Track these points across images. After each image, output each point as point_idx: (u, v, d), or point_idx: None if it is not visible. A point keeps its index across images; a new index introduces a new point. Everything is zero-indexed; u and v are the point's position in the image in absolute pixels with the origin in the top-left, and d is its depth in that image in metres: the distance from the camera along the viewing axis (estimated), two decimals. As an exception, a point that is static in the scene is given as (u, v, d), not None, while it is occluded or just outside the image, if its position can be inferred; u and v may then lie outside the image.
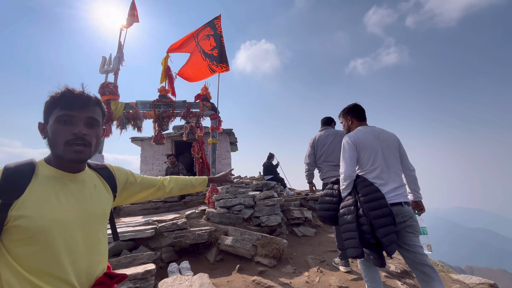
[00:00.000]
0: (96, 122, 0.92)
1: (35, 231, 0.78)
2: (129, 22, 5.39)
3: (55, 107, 0.87)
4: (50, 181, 0.86)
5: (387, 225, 1.80)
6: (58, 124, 0.86)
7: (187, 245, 3.50)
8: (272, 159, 7.89)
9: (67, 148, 0.85)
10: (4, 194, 0.77)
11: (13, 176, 0.80)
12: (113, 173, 1.09)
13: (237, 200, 4.41)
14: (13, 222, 0.77)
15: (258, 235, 3.55)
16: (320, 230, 5.13)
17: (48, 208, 0.82)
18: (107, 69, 4.95)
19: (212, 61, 5.45)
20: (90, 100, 0.91)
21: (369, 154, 2.07)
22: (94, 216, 0.93)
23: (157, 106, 5.00)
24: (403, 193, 2.01)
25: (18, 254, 0.77)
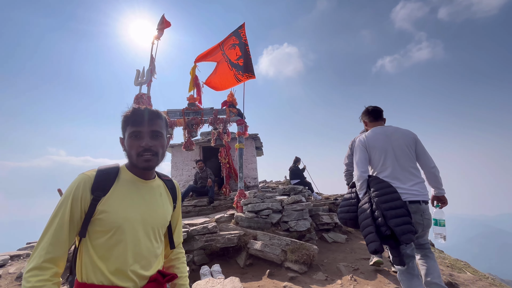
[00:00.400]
0: (160, 134, 1.06)
1: (111, 225, 0.94)
2: (160, 34, 5.74)
3: (127, 124, 1.04)
4: (127, 184, 1.03)
5: (400, 216, 1.88)
6: (130, 139, 1.02)
7: (218, 249, 3.58)
8: (298, 163, 7.80)
9: (138, 158, 1.01)
10: (95, 191, 0.96)
11: (103, 177, 0.99)
12: (176, 187, 1.24)
13: (265, 204, 4.42)
14: (98, 215, 0.94)
15: (287, 240, 3.53)
16: (351, 236, 4.94)
17: (123, 207, 0.98)
18: (141, 81, 5.30)
19: (238, 71, 5.60)
20: (153, 115, 1.05)
21: (380, 154, 2.15)
22: (155, 221, 1.06)
23: (186, 114, 5.23)
24: (420, 191, 2.05)
25: (96, 243, 0.94)
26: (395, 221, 1.86)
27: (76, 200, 0.93)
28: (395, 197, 1.97)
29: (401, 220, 1.86)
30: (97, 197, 0.95)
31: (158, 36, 5.63)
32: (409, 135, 2.19)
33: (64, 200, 0.93)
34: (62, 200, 0.93)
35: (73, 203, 0.93)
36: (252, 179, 7.64)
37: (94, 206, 0.94)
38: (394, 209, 1.91)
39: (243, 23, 5.94)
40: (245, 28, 5.97)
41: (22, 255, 4.42)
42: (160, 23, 5.68)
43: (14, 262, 4.19)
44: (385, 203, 1.95)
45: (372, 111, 2.37)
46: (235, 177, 7.05)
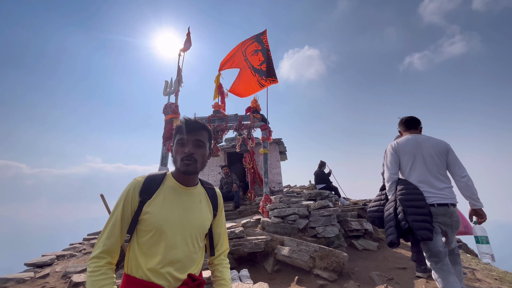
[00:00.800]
0: (202, 143, 1.16)
1: (152, 226, 1.05)
2: (186, 47, 6.03)
3: (176, 133, 1.16)
4: (170, 190, 1.14)
5: (419, 214, 2.06)
6: (177, 146, 1.15)
7: (245, 254, 3.61)
8: (324, 167, 7.62)
9: (181, 163, 1.12)
10: (143, 194, 1.08)
11: (150, 183, 1.12)
12: (217, 195, 1.30)
13: (291, 209, 4.38)
14: (143, 216, 1.06)
15: (315, 246, 3.45)
16: (383, 244, 4.70)
17: (164, 211, 1.08)
18: (169, 91, 5.59)
19: (261, 76, 5.67)
20: (198, 126, 1.16)
21: (408, 158, 2.33)
22: (193, 226, 1.13)
23: (212, 121, 5.40)
24: (449, 195, 2.17)
25: (140, 241, 1.06)
26: (414, 217, 2.06)
27: (128, 202, 1.07)
28: (419, 198, 2.15)
29: (420, 217, 2.05)
30: (144, 200, 1.07)
31: (185, 49, 5.91)
32: (441, 144, 2.32)
33: (119, 201, 1.08)
34: (118, 202, 1.09)
35: (125, 204, 1.07)
36: (277, 184, 7.62)
37: (141, 208, 1.07)
38: (415, 208, 2.10)
39: (265, 30, 6.04)
40: (267, 34, 6.06)
41: (66, 255, 4.81)
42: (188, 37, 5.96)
43: (59, 261, 4.57)
44: (407, 201, 2.15)
45: (406, 121, 2.54)
46: (260, 182, 7.08)
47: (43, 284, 3.63)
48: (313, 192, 5.70)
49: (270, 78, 5.50)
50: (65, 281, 3.69)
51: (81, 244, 5.63)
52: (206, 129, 1.18)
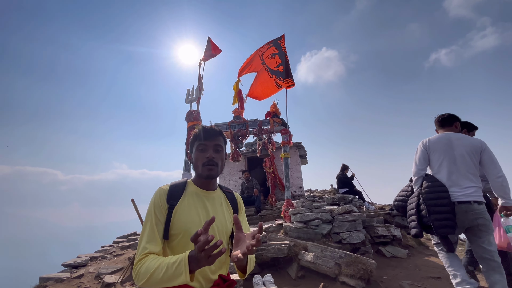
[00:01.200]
0: (221, 148, 1.25)
1: (180, 229, 1.11)
2: (206, 56, 6.22)
3: (195, 140, 1.25)
4: (193, 196, 1.21)
5: (441, 213, 2.19)
6: (197, 152, 1.23)
7: (268, 259, 3.59)
8: (346, 171, 7.41)
9: (203, 168, 1.20)
10: (170, 201, 1.15)
11: (175, 189, 1.19)
12: (236, 198, 1.38)
13: (313, 214, 4.31)
14: (173, 220, 1.12)
15: (340, 252, 3.36)
16: (413, 251, 4.45)
17: (189, 215, 1.15)
18: (191, 99, 5.77)
19: (278, 77, 5.69)
20: (216, 133, 1.24)
21: (438, 156, 2.39)
22: (218, 228, 1.18)
23: (232, 126, 5.49)
24: (473, 193, 2.22)
25: (171, 245, 1.13)
26: (435, 216, 2.20)
27: (158, 208, 1.13)
28: (443, 196, 2.25)
29: (442, 216, 2.19)
30: (172, 205, 1.14)
31: (205, 58, 6.10)
32: (474, 144, 2.32)
33: (150, 208, 1.15)
34: (149, 209, 1.15)
35: (156, 210, 1.13)
36: (298, 188, 7.53)
37: (170, 213, 1.13)
38: (439, 206, 2.22)
39: (282, 35, 6.08)
40: (284, 39, 6.09)
41: (98, 257, 5.08)
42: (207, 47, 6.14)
43: (92, 263, 4.84)
44: (431, 200, 2.26)
45: (441, 119, 2.57)
46: (281, 186, 7.04)
47: (78, 284, 3.86)
48: (336, 196, 5.57)
49: (287, 79, 5.49)
50: (98, 281, 3.90)
51: (111, 246, 5.92)
52: (222, 135, 1.28)
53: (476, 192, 2.25)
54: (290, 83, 5.60)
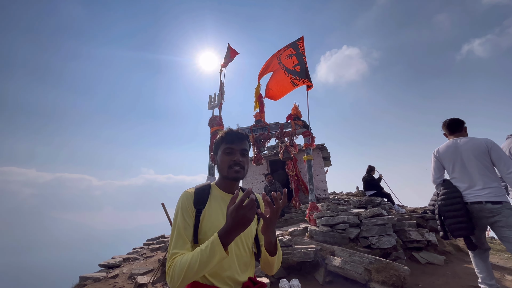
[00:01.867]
0: (246, 152, 1.27)
1: (209, 234, 1.10)
2: (226, 62, 6.37)
3: (222, 142, 1.25)
4: (217, 200, 1.22)
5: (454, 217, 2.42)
6: (224, 154, 1.23)
7: (294, 263, 3.55)
8: (373, 172, 7.10)
9: (229, 170, 1.20)
10: (197, 204, 1.16)
11: (200, 193, 1.20)
12: (259, 201, 1.37)
13: (340, 218, 4.19)
14: (201, 224, 1.13)
15: (370, 258, 3.22)
16: (451, 258, 4.14)
17: (217, 219, 1.15)
18: (213, 105, 5.92)
19: (294, 76, 5.65)
20: (243, 137, 1.26)
21: (448, 164, 2.58)
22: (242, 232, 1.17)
23: (254, 130, 5.53)
24: (487, 194, 2.33)
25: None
26: (449, 221, 2.45)
27: (186, 211, 1.14)
28: (456, 201, 2.45)
29: (455, 220, 2.41)
30: (199, 210, 1.15)
31: (225, 64, 6.24)
32: (479, 146, 2.42)
33: (178, 212, 1.14)
34: (176, 212, 1.15)
35: (184, 213, 1.13)
36: (322, 191, 7.36)
37: (198, 218, 1.13)
38: (452, 211, 2.44)
39: (301, 37, 6.04)
40: (303, 41, 6.05)
41: (130, 258, 5.35)
42: (227, 53, 6.29)
43: (125, 264, 5.11)
44: (444, 206, 2.49)
45: (449, 124, 2.69)
46: (305, 189, 6.94)
47: (114, 284, 4.09)
48: (363, 199, 5.36)
49: (304, 79, 5.43)
50: (131, 282, 4.10)
51: (142, 248, 6.21)
52: (248, 139, 1.29)
53: (491, 192, 2.33)
54: (307, 83, 5.54)
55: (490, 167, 2.38)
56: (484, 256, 2.52)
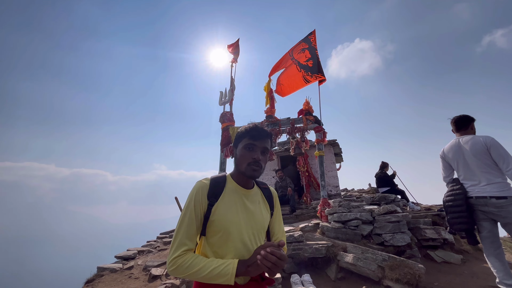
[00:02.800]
0: (267, 151, 1.23)
1: (221, 227, 1.12)
2: (236, 57, 6.35)
3: (244, 136, 1.21)
4: (233, 193, 1.20)
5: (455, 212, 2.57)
6: (244, 150, 1.20)
7: (306, 258, 3.54)
8: (386, 169, 6.95)
9: (248, 167, 1.17)
10: (210, 197, 1.14)
11: (216, 185, 1.17)
12: (273, 194, 1.36)
13: (352, 214, 4.13)
14: (212, 217, 1.12)
15: (384, 255, 3.17)
16: (469, 257, 4.01)
17: (230, 213, 1.15)
18: (224, 101, 5.94)
19: (306, 72, 5.55)
20: (267, 135, 1.22)
21: (453, 163, 2.70)
22: (255, 225, 1.19)
23: (265, 126, 5.51)
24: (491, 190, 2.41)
25: (210, 241, 1.14)
26: (451, 215, 2.60)
27: (198, 203, 1.12)
28: (458, 197, 2.58)
29: (456, 214, 2.56)
30: (212, 203, 1.13)
31: (235, 60, 6.23)
32: (478, 145, 2.49)
33: (189, 203, 1.13)
34: (188, 203, 1.13)
35: (196, 204, 1.12)
36: (333, 187, 7.28)
37: (210, 210, 1.12)
38: (454, 206, 2.59)
39: (313, 30, 5.93)
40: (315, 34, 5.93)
41: (145, 251, 5.50)
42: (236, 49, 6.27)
43: (140, 256, 5.26)
44: (448, 202, 2.65)
45: (455, 121, 2.73)
46: (316, 185, 6.89)
47: (129, 275, 4.23)
48: (376, 195, 5.27)
49: (316, 74, 5.33)
50: (146, 273, 4.22)
51: (155, 241, 6.37)
52: (271, 138, 1.26)
53: (495, 188, 2.40)
54: (320, 78, 5.44)
55: (492, 164, 2.44)
56: (498, 254, 2.49)
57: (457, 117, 2.73)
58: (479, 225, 2.54)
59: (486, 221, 2.49)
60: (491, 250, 2.49)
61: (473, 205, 2.52)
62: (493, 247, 2.48)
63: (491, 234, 2.49)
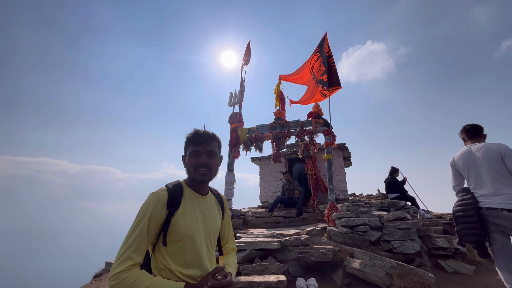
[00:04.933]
0: (214, 153, 1.24)
1: (181, 236, 1.12)
2: (247, 60, 6.39)
3: (189, 144, 1.24)
4: (190, 200, 1.21)
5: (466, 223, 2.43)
6: (190, 157, 1.22)
7: (312, 262, 3.51)
8: (396, 174, 6.80)
9: (196, 172, 1.20)
10: (171, 206, 1.13)
11: (174, 194, 1.17)
12: (224, 201, 1.41)
13: (360, 220, 4.07)
14: (172, 227, 1.12)
15: (392, 262, 3.11)
16: (481, 268, 3.88)
17: (189, 221, 1.16)
18: (234, 102, 5.98)
19: (323, 87, 5.59)
20: (209, 137, 1.23)
21: (464, 171, 2.58)
22: (211, 231, 1.24)
23: (274, 128, 5.52)
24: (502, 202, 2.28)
25: (169, 250, 1.12)
26: (461, 226, 2.47)
27: (154, 216, 1.09)
28: (469, 207, 2.44)
29: (466, 225, 2.43)
30: (172, 211, 1.12)
31: (246, 62, 6.27)
32: (491, 152, 2.38)
33: (143, 216, 1.09)
34: (141, 216, 1.09)
35: (151, 217, 1.09)
36: (341, 192, 7.19)
37: (169, 220, 1.11)
38: (464, 217, 2.45)
39: (325, 34, 5.91)
40: (327, 38, 5.90)
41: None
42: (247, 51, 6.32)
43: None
44: (458, 212, 2.52)
45: (468, 130, 2.65)
46: (323, 189, 6.82)
47: (136, 271, 4.30)
48: (385, 201, 5.17)
49: (332, 87, 5.40)
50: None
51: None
52: (216, 139, 1.26)
53: (507, 199, 2.28)
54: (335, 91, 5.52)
55: (505, 173, 2.32)
56: (511, 268, 2.35)
57: (469, 126, 2.66)
58: (491, 237, 2.42)
59: (498, 233, 2.36)
60: (503, 264, 2.36)
61: (484, 216, 2.40)
62: (506, 261, 2.36)
63: (503, 247, 2.36)
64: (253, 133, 5.60)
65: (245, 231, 4.92)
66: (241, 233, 4.67)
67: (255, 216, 5.99)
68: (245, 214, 5.85)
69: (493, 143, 2.46)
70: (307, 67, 6.15)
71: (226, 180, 5.52)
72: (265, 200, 7.94)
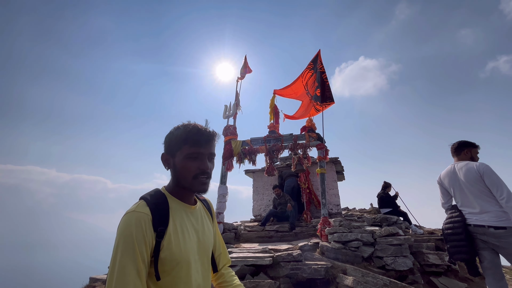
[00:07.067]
0: (214, 156, 1.00)
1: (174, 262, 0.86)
2: (243, 75, 6.51)
3: (185, 143, 0.92)
4: (179, 213, 0.94)
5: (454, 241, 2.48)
6: (187, 160, 0.92)
7: (304, 279, 3.44)
8: (389, 189, 6.85)
9: (194, 180, 0.93)
10: (158, 226, 0.85)
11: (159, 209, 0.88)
12: (210, 205, 1.16)
13: (353, 235, 4.04)
14: (162, 253, 0.85)
15: (385, 279, 3.07)
16: (473, 286, 3.87)
17: (183, 241, 0.90)
18: (228, 114, 6.03)
19: (316, 101, 5.71)
20: (212, 136, 0.97)
21: (449, 189, 2.66)
22: (206, 247, 1.01)
23: (268, 141, 5.55)
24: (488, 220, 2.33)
25: (162, 282, 0.86)
26: (450, 244, 2.52)
27: (141, 240, 0.84)
28: (457, 225, 2.50)
29: (455, 243, 2.46)
30: (161, 233, 0.85)
31: (242, 77, 6.39)
32: (471, 172, 2.44)
33: (128, 246, 0.84)
34: (125, 247, 0.84)
35: (138, 244, 0.84)
36: (335, 206, 7.17)
37: (159, 244, 0.85)
38: (453, 235, 2.51)
39: (318, 51, 6.09)
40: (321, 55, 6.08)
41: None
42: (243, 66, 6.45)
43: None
44: (447, 230, 2.58)
45: (456, 147, 2.71)
46: (317, 203, 6.80)
47: (122, 287, 4.12)
48: (378, 216, 5.18)
49: (325, 102, 5.52)
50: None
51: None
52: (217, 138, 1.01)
53: (492, 217, 2.32)
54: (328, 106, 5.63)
55: (487, 192, 2.38)
56: (501, 286, 2.36)
57: (455, 144, 2.73)
58: (480, 255, 2.44)
59: (487, 250, 2.38)
60: (494, 282, 2.37)
61: (472, 233, 2.44)
62: (496, 278, 2.36)
63: (492, 265, 2.37)
64: (247, 146, 5.61)
65: (236, 246, 4.81)
66: (233, 247, 4.56)
67: (247, 230, 5.89)
68: (237, 228, 5.75)
69: (474, 163, 2.52)
70: (301, 82, 6.29)
71: (219, 192, 5.46)
72: (258, 214, 7.84)
